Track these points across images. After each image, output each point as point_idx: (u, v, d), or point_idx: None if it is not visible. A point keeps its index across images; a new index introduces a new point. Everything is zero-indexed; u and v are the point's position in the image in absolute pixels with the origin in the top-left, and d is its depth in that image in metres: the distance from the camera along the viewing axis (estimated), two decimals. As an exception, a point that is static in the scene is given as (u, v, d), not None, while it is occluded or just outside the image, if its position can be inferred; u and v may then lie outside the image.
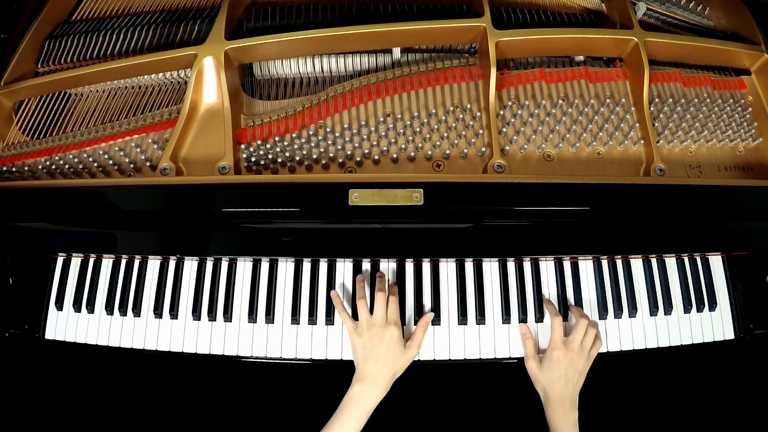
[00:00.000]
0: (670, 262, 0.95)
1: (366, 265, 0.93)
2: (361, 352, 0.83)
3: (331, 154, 0.92)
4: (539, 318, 0.91)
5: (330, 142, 0.91)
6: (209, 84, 0.95)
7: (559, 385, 0.82)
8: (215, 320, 0.91)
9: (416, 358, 0.89)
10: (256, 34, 0.94)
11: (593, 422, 0.83)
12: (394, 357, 0.83)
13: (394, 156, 0.92)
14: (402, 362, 0.83)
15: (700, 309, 0.93)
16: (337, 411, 0.80)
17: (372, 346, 0.82)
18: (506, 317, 0.90)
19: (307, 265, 0.93)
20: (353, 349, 0.85)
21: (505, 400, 1.04)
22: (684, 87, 1.02)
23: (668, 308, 0.92)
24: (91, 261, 0.95)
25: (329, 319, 0.90)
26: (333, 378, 1.04)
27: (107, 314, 0.92)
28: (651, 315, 0.92)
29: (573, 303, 0.92)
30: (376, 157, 0.92)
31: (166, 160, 0.89)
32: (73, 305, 0.93)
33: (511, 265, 0.93)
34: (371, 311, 0.86)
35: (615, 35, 0.98)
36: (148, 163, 0.92)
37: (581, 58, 1.04)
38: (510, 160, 0.92)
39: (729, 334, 0.93)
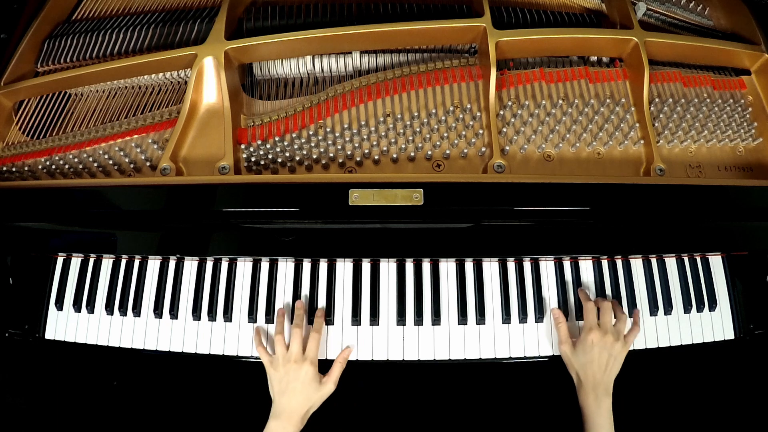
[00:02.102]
0: (670, 262, 0.95)
1: (366, 265, 0.93)
2: (277, 386, 0.82)
3: (331, 154, 0.92)
4: (539, 318, 0.91)
5: (330, 142, 0.91)
6: (209, 84, 0.95)
7: (592, 369, 0.81)
8: (215, 320, 0.91)
9: (416, 358, 0.89)
10: (256, 34, 0.94)
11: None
12: (308, 393, 0.82)
13: (394, 156, 0.92)
14: (317, 397, 0.83)
15: (700, 309, 0.93)
16: None
17: (287, 381, 0.82)
18: (506, 317, 0.90)
19: (307, 265, 0.93)
20: (270, 381, 0.84)
21: (506, 400, 1.04)
22: (684, 87, 1.02)
23: (668, 308, 0.92)
24: (91, 261, 0.95)
25: (329, 319, 0.90)
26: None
27: (107, 314, 0.92)
28: (651, 315, 0.92)
29: (573, 303, 0.92)
30: (376, 157, 0.92)
31: (166, 160, 0.89)
32: (73, 305, 0.93)
33: (511, 265, 0.93)
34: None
35: (615, 35, 0.98)
36: (148, 163, 0.92)
37: (581, 58, 1.04)
38: (510, 160, 0.92)
39: (729, 334, 0.93)
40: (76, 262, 0.95)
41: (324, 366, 0.87)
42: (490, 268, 0.93)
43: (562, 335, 0.87)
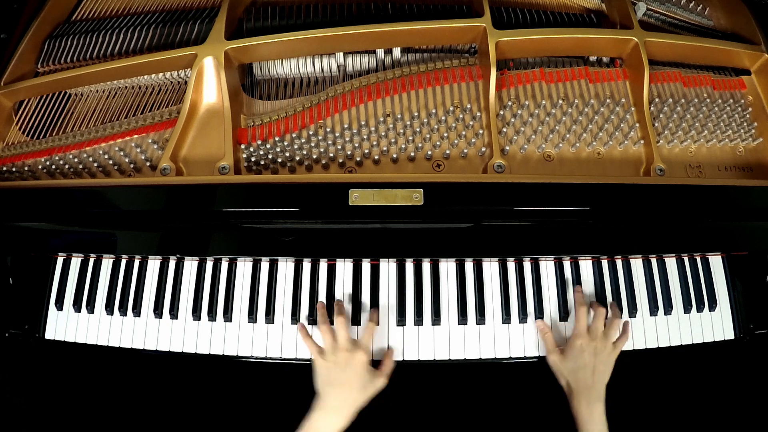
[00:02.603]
0: (670, 262, 0.95)
1: (366, 265, 0.93)
2: (324, 375, 0.79)
3: (331, 154, 0.92)
4: (539, 318, 0.91)
5: (330, 142, 0.91)
6: (209, 84, 0.95)
7: (583, 375, 0.81)
8: (215, 320, 0.91)
9: (416, 358, 0.89)
10: (256, 34, 0.94)
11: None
12: (362, 382, 0.79)
13: (394, 156, 0.92)
14: (370, 390, 0.80)
15: (700, 309, 0.93)
16: None
17: (338, 370, 0.79)
18: (506, 317, 0.90)
19: (307, 265, 0.93)
20: (316, 374, 0.81)
21: (506, 400, 1.04)
22: (684, 87, 1.02)
23: (668, 308, 0.92)
24: (91, 261, 0.95)
25: (329, 319, 0.90)
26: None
27: (107, 314, 0.92)
28: (651, 315, 0.92)
29: (573, 303, 0.92)
30: (376, 157, 0.92)
31: (166, 160, 0.89)
32: (73, 305, 0.93)
33: (511, 265, 0.93)
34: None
35: (615, 35, 0.98)
36: (148, 163, 0.92)
37: (580, 57, 1.04)
38: (510, 160, 0.92)
39: (729, 334, 0.93)
40: (76, 262, 0.95)
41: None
42: (490, 268, 0.93)
43: (548, 345, 0.86)
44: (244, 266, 0.93)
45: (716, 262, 0.96)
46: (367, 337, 0.84)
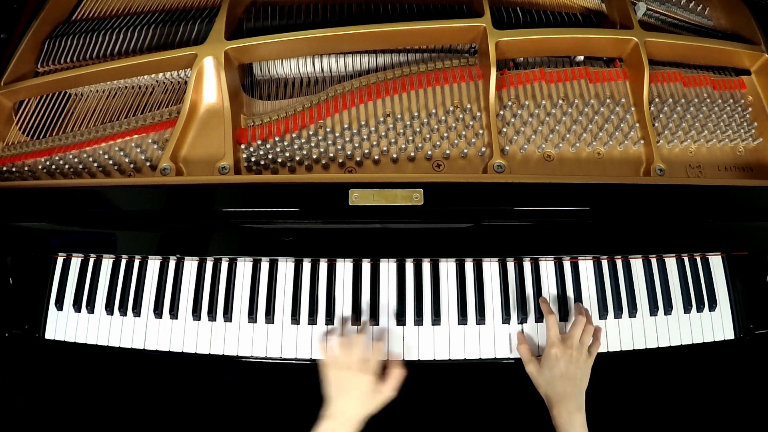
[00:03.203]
0: (670, 262, 0.95)
1: (366, 264, 0.93)
2: (335, 384, 0.80)
3: (331, 154, 0.92)
4: (539, 318, 0.91)
5: (330, 142, 0.91)
6: (209, 84, 0.95)
7: (561, 384, 0.81)
8: (215, 320, 0.91)
9: (416, 358, 0.89)
10: (256, 34, 0.94)
11: (592, 422, 0.83)
12: (366, 400, 0.79)
13: (394, 156, 0.92)
14: (375, 405, 0.80)
15: (700, 309, 0.93)
16: None
17: (348, 379, 0.80)
18: (506, 317, 0.90)
19: (307, 265, 0.93)
20: (326, 381, 0.81)
21: (506, 400, 1.04)
22: (684, 87, 1.02)
23: (668, 308, 0.92)
24: (91, 261, 0.95)
25: (329, 319, 0.90)
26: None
27: (107, 314, 0.92)
28: (651, 315, 0.92)
29: (573, 304, 0.92)
30: (376, 157, 0.92)
31: (166, 160, 0.89)
32: (73, 305, 0.93)
33: (511, 265, 0.93)
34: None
35: (615, 35, 0.98)
36: (148, 163, 0.92)
37: (581, 58, 1.04)
38: (510, 160, 0.92)
39: (729, 334, 0.93)
40: (76, 262, 0.95)
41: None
42: (490, 268, 0.93)
43: (524, 356, 0.86)
44: (244, 266, 0.93)
45: (716, 262, 0.96)
46: (378, 350, 0.84)
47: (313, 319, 0.90)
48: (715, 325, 0.93)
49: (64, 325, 0.92)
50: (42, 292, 0.94)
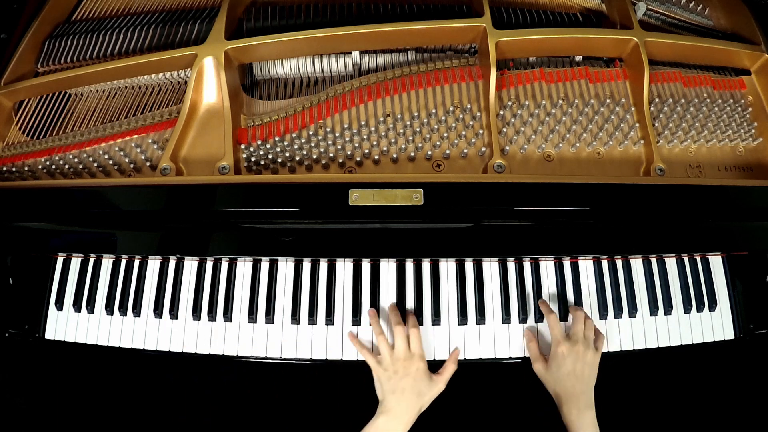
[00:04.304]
0: (670, 262, 0.95)
1: (366, 265, 0.93)
2: (387, 384, 0.81)
3: (331, 154, 0.92)
4: (539, 318, 0.91)
5: (330, 142, 0.91)
6: (209, 84, 0.95)
7: (569, 382, 0.80)
8: (215, 320, 0.91)
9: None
10: (256, 34, 0.94)
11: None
12: (420, 389, 0.81)
13: (394, 156, 0.92)
14: (429, 396, 0.82)
15: (700, 309, 0.93)
16: None
17: (398, 378, 0.81)
18: (506, 317, 0.90)
19: (307, 265, 0.93)
20: (378, 382, 0.83)
21: (506, 400, 1.04)
22: (684, 87, 1.02)
23: (668, 308, 0.92)
24: (91, 261, 0.95)
25: (329, 319, 0.90)
26: (333, 378, 1.05)
27: (107, 314, 0.92)
28: (651, 315, 0.92)
29: (573, 303, 0.92)
30: (376, 157, 0.92)
31: (166, 160, 0.89)
32: (73, 305, 0.93)
33: (511, 265, 0.93)
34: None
35: (615, 35, 0.98)
36: (148, 163, 0.92)
37: (581, 58, 1.04)
38: (510, 160, 0.92)
39: (729, 334, 0.93)
40: (76, 262, 0.95)
41: (324, 373, 0.86)
42: (490, 268, 0.93)
43: (533, 354, 0.86)
44: (244, 266, 0.93)
45: (716, 262, 0.96)
46: (418, 344, 0.84)
47: (313, 320, 0.90)
48: (715, 325, 0.93)
49: (64, 325, 0.92)
50: (42, 292, 0.94)
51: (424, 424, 1.04)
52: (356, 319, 0.90)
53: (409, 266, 0.93)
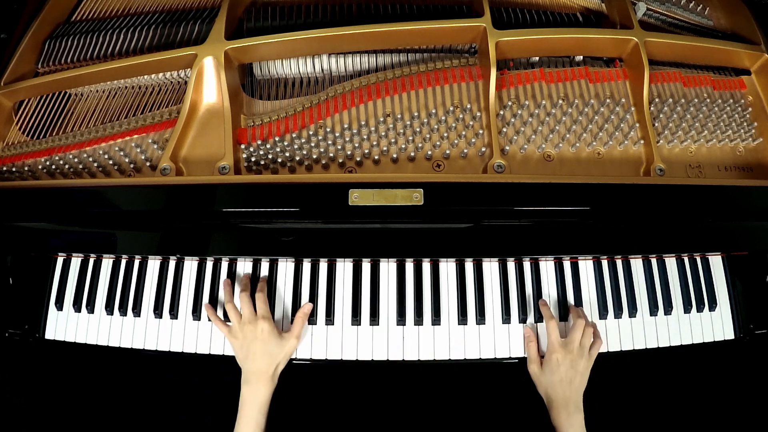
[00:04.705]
0: (670, 262, 0.95)
1: (366, 265, 0.93)
2: (239, 352, 0.85)
3: (331, 154, 0.92)
4: (539, 318, 0.91)
5: (330, 142, 0.91)
6: (209, 84, 0.95)
7: (561, 388, 0.82)
8: (215, 320, 0.91)
9: (416, 358, 0.89)
10: (256, 34, 0.94)
11: (593, 423, 0.83)
12: (271, 350, 0.83)
13: (394, 156, 0.92)
14: (282, 354, 0.84)
15: (700, 309, 0.93)
16: (237, 417, 0.81)
17: (247, 343, 0.84)
18: (506, 317, 0.90)
19: (307, 266, 0.93)
20: (234, 352, 0.86)
21: (505, 400, 1.04)
22: (684, 87, 1.02)
23: (668, 308, 0.92)
24: (91, 261, 0.95)
25: (329, 320, 0.90)
26: (333, 378, 1.05)
27: (107, 314, 0.92)
28: (651, 315, 0.92)
29: (573, 303, 0.92)
30: (376, 157, 0.92)
31: (166, 160, 0.89)
32: (73, 305, 0.93)
33: (511, 265, 0.93)
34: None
35: (615, 35, 0.98)
36: (148, 163, 0.92)
37: (581, 58, 1.04)
38: (510, 160, 0.92)
39: (729, 334, 0.93)
40: (76, 262, 0.95)
41: (324, 373, 0.86)
42: (490, 268, 0.93)
43: (531, 354, 0.87)
44: (244, 266, 0.93)
45: (716, 262, 0.96)
46: (263, 306, 0.86)
47: (313, 320, 0.90)
48: (715, 325, 0.93)
49: (64, 325, 0.92)
50: (42, 292, 0.94)
51: (424, 424, 1.04)
52: (356, 319, 0.90)
53: (409, 266, 0.93)
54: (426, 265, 0.93)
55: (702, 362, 1.01)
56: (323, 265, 0.93)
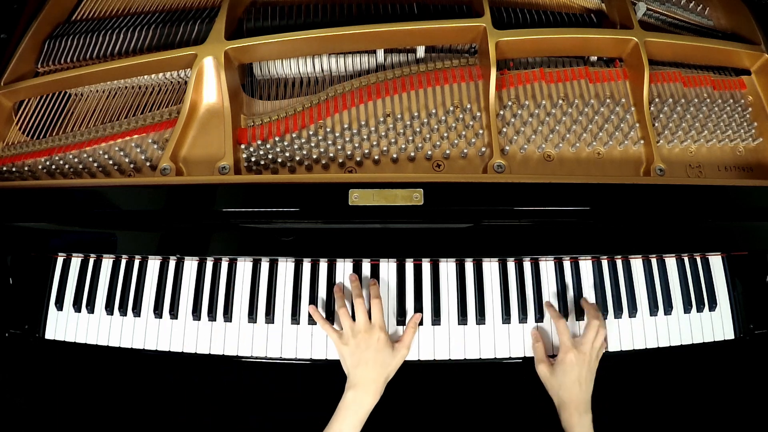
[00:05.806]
0: (670, 262, 0.95)
1: (366, 265, 0.93)
2: (349, 359, 0.83)
3: (331, 154, 0.92)
4: (539, 318, 0.91)
5: (330, 142, 0.91)
6: (209, 84, 0.95)
7: (575, 389, 0.81)
8: (215, 320, 0.91)
9: (416, 358, 0.89)
10: (256, 34, 0.94)
11: (593, 423, 0.83)
12: (383, 360, 0.82)
13: (394, 156, 0.92)
14: (393, 364, 0.83)
15: (700, 309, 0.93)
16: (332, 418, 0.80)
17: (360, 351, 0.82)
18: (506, 317, 0.90)
19: (307, 265, 0.93)
20: (341, 357, 0.84)
21: (505, 400, 1.04)
22: (684, 87, 1.02)
23: (668, 308, 0.92)
24: (91, 261, 0.95)
25: (330, 319, 0.90)
26: (333, 378, 1.04)
27: (107, 314, 0.92)
28: (651, 315, 0.92)
29: (572, 304, 0.92)
30: (376, 157, 0.92)
31: (166, 160, 0.89)
32: (73, 305, 0.93)
33: (511, 265, 0.93)
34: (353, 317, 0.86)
35: (615, 35, 0.98)
36: (148, 163, 0.92)
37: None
38: (510, 160, 0.92)
39: (729, 334, 0.93)
40: (76, 262, 0.95)
41: (324, 373, 0.86)
42: (490, 268, 0.93)
43: (538, 355, 0.86)
44: (244, 266, 0.93)
45: (716, 262, 0.96)
46: (379, 315, 0.85)
47: (313, 320, 0.90)
48: (715, 325, 0.93)
49: (64, 325, 0.93)
50: (42, 292, 0.94)
51: (424, 424, 1.04)
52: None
53: (409, 266, 0.93)
54: (426, 265, 0.93)
55: (702, 362, 1.01)
56: (323, 265, 0.93)
